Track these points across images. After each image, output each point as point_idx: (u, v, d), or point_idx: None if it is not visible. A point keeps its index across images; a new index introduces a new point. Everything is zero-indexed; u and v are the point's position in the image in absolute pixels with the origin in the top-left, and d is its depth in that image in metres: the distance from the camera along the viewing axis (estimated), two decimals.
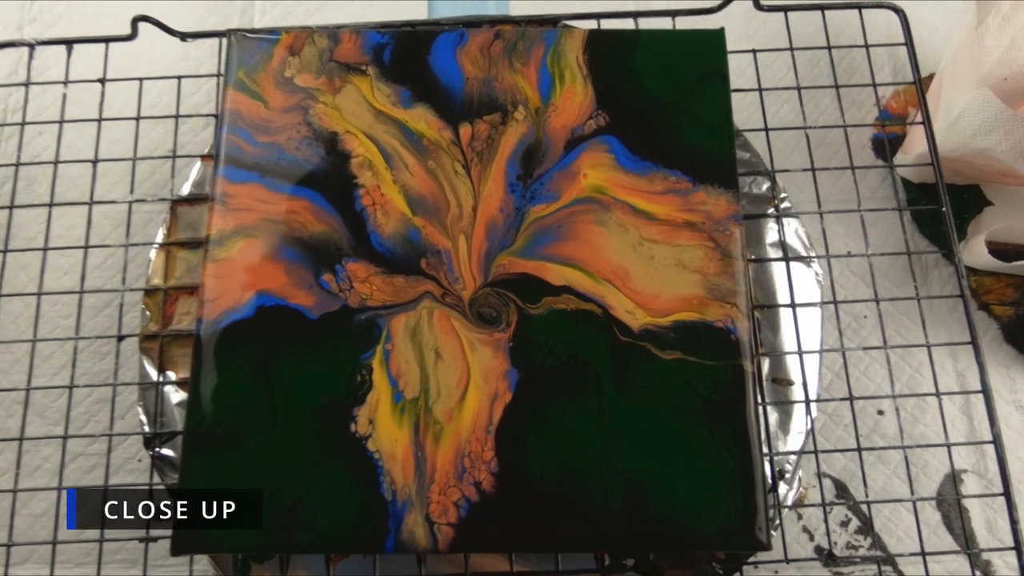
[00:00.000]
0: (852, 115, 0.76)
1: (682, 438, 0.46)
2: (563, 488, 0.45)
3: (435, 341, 0.48)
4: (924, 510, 0.67)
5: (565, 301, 0.48)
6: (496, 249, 0.49)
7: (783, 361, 0.54)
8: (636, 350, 0.48)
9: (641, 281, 0.49)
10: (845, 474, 0.67)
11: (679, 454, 0.46)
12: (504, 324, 0.48)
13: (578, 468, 0.46)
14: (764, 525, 0.45)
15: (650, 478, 0.46)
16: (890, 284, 0.73)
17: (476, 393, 0.47)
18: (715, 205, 0.50)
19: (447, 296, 0.49)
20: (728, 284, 0.49)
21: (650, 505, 0.45)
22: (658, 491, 0.45)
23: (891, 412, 0.71)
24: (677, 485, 0.46)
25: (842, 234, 0.66)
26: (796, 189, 0.62)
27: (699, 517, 0.45)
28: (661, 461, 0.46)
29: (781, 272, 0.55)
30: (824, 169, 0.58)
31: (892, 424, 0.71)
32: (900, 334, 0.72)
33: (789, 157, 0.68)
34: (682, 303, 0.48)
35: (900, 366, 0.69)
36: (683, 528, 0.45)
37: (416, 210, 0.50)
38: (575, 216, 0.50)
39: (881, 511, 0.66)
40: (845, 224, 0.65)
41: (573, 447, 0.46)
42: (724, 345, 0.48)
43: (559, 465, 0.46)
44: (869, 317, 0.71)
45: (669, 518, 0.45)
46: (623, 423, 0.46)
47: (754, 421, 0.47)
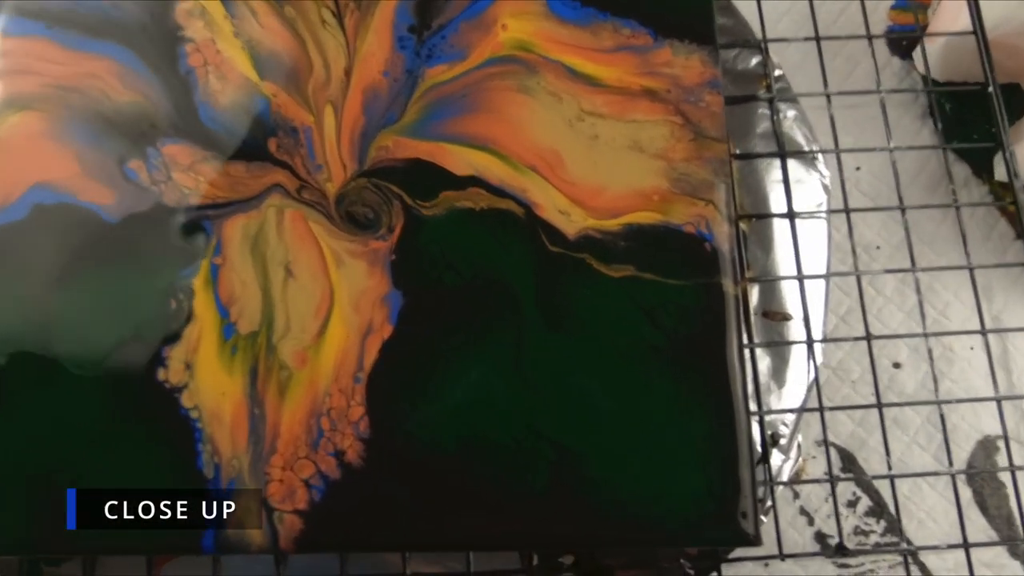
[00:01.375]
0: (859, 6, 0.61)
1: (635, 389, 0.32)
2: (463, 461, 0.31)
3: (285, 253, 0.33)
4: (951, 487, 0.53)
5: (472, 197, 0.34)
6: (377, 126, 0.35)
7: (777, 289, 0.40)
8: (571, 265, 0.33)
9: (580, 169, 0.35)
10: (853, 443, 0.53)
11: (631, 412, 0.32)
12: (384, 229, 0.34)
13: (485, 433, 0.32)
14: (751, 510, 0.31)
15: (589, 447, 0.32)
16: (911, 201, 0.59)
17: (341, 326, 0.33)
18: (685, 67, 0.36)
19: (305, 190, 0.34)
20: (702, 174, 0.35)
21: (589, 485, 0.31)
22: (600, 465, 0.32)
23: (911, 365, 0.57)
24: (628, 456, 0.32)
25: (855, 134, 0.52)
26: (794, 69, 0.47)
27: (659, 501, 0.31)
28: (605, 423, 0.32)
29: (775, 173, 0.41)
30: (832, 38, 0.44)
31: (912, 379, 0.57)
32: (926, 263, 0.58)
33: (783, 24, 0.53)
34: (637, 200, 0.34)
35: (922, 307, 0.56)
36: (635, 516, 0.31)
37: (265, 73, 0.35)
38: (489, 81, 0.36)
39: (899, 488, 0.52)
40: (858, 122, 0.51)
41: (479, 403, 0.32)
42: (696, 258, 0.34)
43: (458, 429, 0.32)
44: (883, 248, 0.57)
45: (615, 503, 0.31)
46: (551, 369, 0.32)
47: (737, 365, 0.33)
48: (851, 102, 0.49)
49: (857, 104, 0.53)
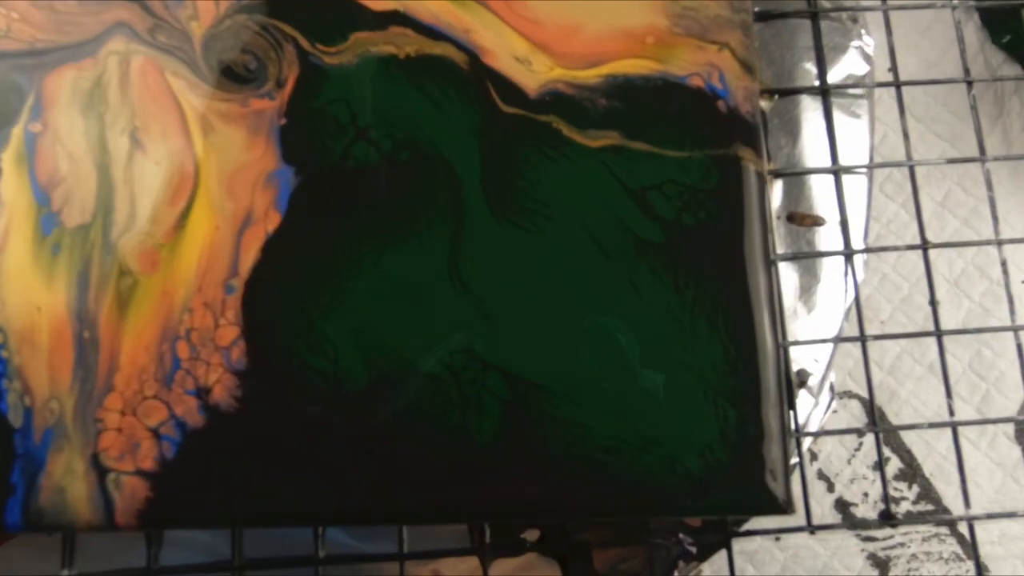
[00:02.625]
0: None
1: (619, 301, 0.23)
2: (377, 400, 0.22)
3: (131, 116, 0.24)
4: (996, 445, 0.45)
5: (394, 40, 0.25)
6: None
7: (806, 186, 0.31)
8: (532, 131, 0.24)
9: (546, 2, 0.25)
10: (881, 393, 0.45)
11: (613, 332, 0.23)
12: (271, 84, 0.24)
13: (408, 361, 0.23)
14: (780, 467, 0.23)
15: (555, 380, 0.23)
16: (949, 114, 0.50)
17: (208, 215, 0.23)
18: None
19: (160, 31, 0.24)
20: (713, 8, 0.25)
21: (555, 432, 0.22)
22: (570, 405, 0.22)
23: (951, 302, 0.49)
24: (608, 393, 0.23)
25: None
26: None
27: (651, 452, 0.22)
28: (577, 347, 0.23)
29: (805, 37, 0.32)
30: None
31: (952, 317, 0.48)
32: (965, 189, 0.49)
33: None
34: (625, 42, 0.25)
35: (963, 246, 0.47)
36: (619, 474, 0.22)
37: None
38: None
39: (934, 447, 0.44)
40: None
41: (399, 320, 0.23)
42: (704, 120, 0.24)
43: (370, 355, 0.23)
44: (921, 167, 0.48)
45: (591, 456, 0.22)
46: (501, 274, 0.23)
47: (762, 269, 0.24)
48: None
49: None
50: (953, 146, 0.50)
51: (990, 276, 0.48)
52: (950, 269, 0.48)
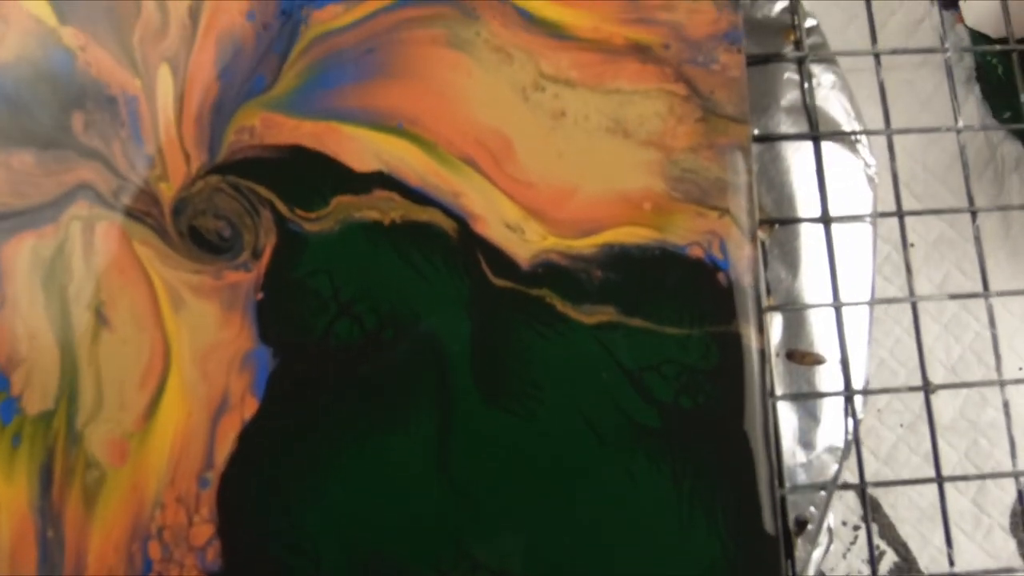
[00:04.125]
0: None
1: (614, 492, 0.22)
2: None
3: (95, 289, 0.22)
4: (992, 538, 0.45)
5: (379, 205, 0.23)
6: (237, 96, 0.23)
7: (806, 321, 0.30)
8: (524, 306, 0.23)
9: (538, 163, 0.24)
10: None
11: (608, 527, 0.22)
12: (247, 253, 0.23)
13: (394, 560, 0.21)
14: None
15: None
16: (947, 193, 0.49)
17: (181, 400, 0.22)
18: (691, 11, 0.25)
19: (126, 193, 0.23)
20: (714, 170, 0.24)
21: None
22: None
23: (948, 390, 0.48)
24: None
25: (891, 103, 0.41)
26: (828, 17, 0.36)
27: None
28: (571, 543, 0.22)
29: (806, 160, 0.31)
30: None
31: (949, 406, 0.48)
32: (964, 272, 0.48)
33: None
34: (621, 208, 0.24)
35: (961, 327, 0.46)
36: None
37: (68, 13, 0.24)
38: (405, 30, 0.24)
39: (929, 540, 0.44)
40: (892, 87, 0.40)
41: (385, 516, 0.22)
42: (704, 295, 0.23)
43: (354, 554, 0.21)
44: (918, 247, 0.47)
45: None
46: (492, 463, 0.22)
47: (764, 455, 0.23)
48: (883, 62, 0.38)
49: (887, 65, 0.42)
50: (951, 226, 0.49)
51: (987, 363, 0.48)
52: (947, 355, 0.48)
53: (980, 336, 0.47)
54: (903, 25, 0.50)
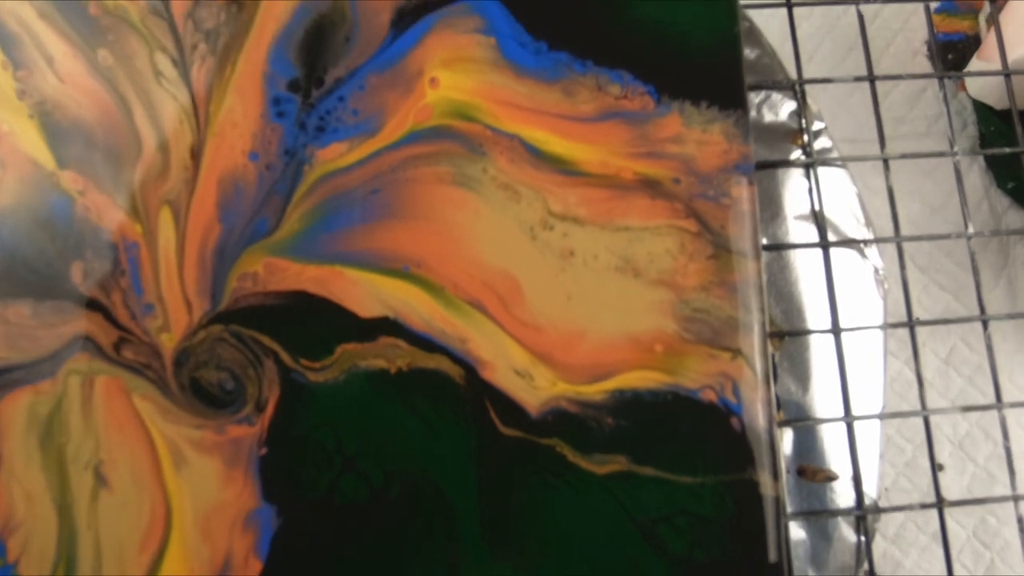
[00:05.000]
0: (899, 7, 0.50)
1: None
2: None
3: (95, 447, 0.22)
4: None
5: (385, 352, 0.23)
6: (240, 240, 0.23)
7: (817, 436, 0.29)
8: (533, 456, 0.22)
9: (547, 305, 0.23)
10: (886, 565, 0.44)
11: None
12: (250, 407, 0.22)
13: None
14: None
15: None
16: (953, 265, 0.49)
17: (181, 562, 0.21)
18: (701, 144, 0.24)
19: (126, 346, 0.22)
20: (726, 309, 0.23)
21: None
22: None
23: (955, 467, 0.48)
24: None
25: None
26: (834, 115, 0.36)
27: None
28: None
29: (814, 267, 0.30)
30: (890, 78, 0.32)
31: (956, 483, 0.48)
32: (970, 345, 0.48)
33: (818, 57, 0.42)
34: (631, 352, 0.23)
35: (969, 402, 0.46)
36: None
37: (67, 157, 0.23)
38: (411, 169, 0.24)
39: None
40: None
41: None
42: (718, 440, 0.23)
43: None
44: (926, 343, 0.47)
45: None
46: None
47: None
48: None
49: (891, 135, 0.42)
50: (956, 298, 0.49)
51: (995, 439, 0.48)
52: (955, 431, 0.47)
53: (987, 412, 0.46)
54: (905, 96, 0.50)
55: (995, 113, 0.47)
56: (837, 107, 0.48)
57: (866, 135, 0.51)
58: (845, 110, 0.48)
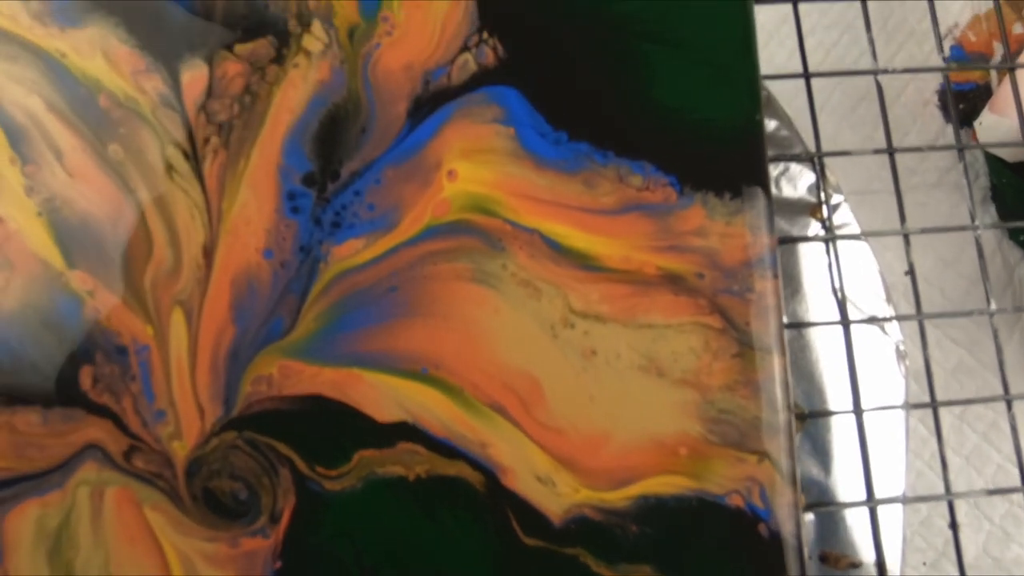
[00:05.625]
0: (909, 54, 0.50)
1: None
2: None
3: (104, 561, 0.21)
4: None
5: (403, 459, 0.22)
6: (254, 341, 0.22)
7: (840, 521, 0.29)
8: (556, 567, 0.22)
9: (569, 407, 0.23)
10: None
11: None
12: (265, 517, 0.22)
13: None
14: None
15: None
16: (965, 319, 0.49)
17: None
18: (725, 236, 0.24)
19: (137, 455, 0.22)
20: (751, 409, 0.23)
21: None
22: None
23: (971, 524, 0.47)
24: None
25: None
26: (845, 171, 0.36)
27: None
28: None
29: (835, 344, 0.30)
30: (910, 150, 0.32)
31: (972, 543, 0.47)
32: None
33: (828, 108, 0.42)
34: (656, 455, 0.22)
35: (983, 460, 0.45)
36: None
37: (76, 256, 0.23)
38: (428, 265, 0.23)
39: None
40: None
41: None
42: (745, 548, 0.22)
43: None
44: (936, 374, 0.47)
45: None
46: None
47: None
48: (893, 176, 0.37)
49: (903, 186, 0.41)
50: (971, 353, 0.48)
51: (1010, 498, 0.47)
52: (971, 488, 0.47)
53: (1002, 469, 0.46)
54: (917, 141, 0.49)
55: (1007, 165, 0.47)
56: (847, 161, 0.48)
57: (876, 185, 0.51)
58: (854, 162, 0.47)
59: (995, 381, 0.47)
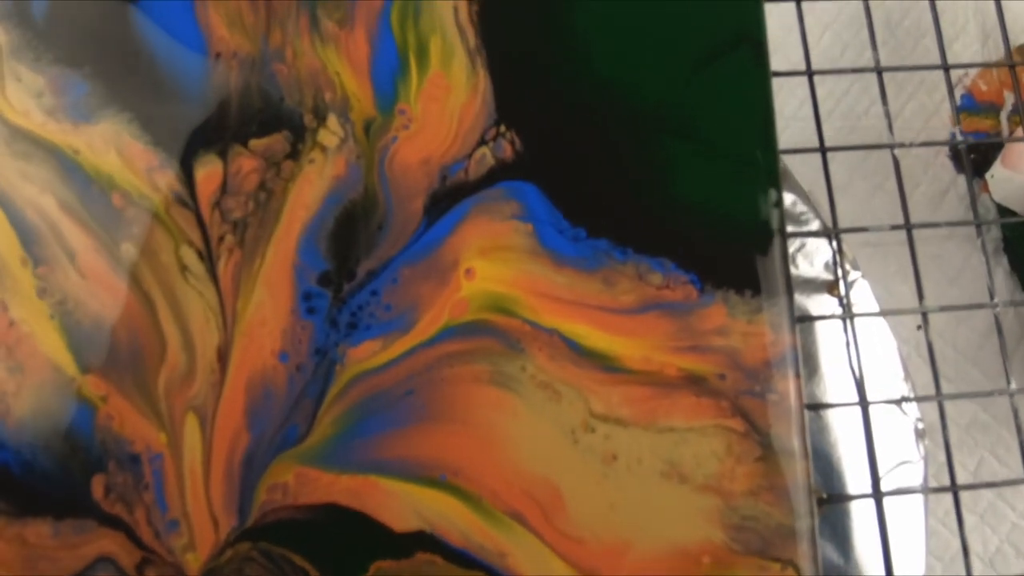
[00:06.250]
0: (920, 103, 0.50)
1: None
2: None
3: None
4: None
5: (421, 569, 0.22)
6: (269, 448, 0.22)
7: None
8: None
9: (590, 515, 0.22)
10: None
11: None
12: None
13: None
14: None
15: None
16: (980, 375, 0.48)
17: None
18: (746, 335, 0.23)
19: (149, 567, 0.21)
20: (775, 515, 0.23)
21: None
22: None
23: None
24: None
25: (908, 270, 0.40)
26: (867, 258, 0.36)
27: None
28: None
29: (853, 426, 0.29)
30: (928, 225, 0.32)
31: None
32: (999, 458, 0.47)
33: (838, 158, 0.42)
34: (678, 565, 0.22)
35: (998, 518, 0.45)
36: None
37: (89, 360, 0.22)
38: (446, 367, 0.23)
39: None
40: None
41: None
42: None
43: None
44: (951, 431, 0.46)
45: None
46: None
47: None
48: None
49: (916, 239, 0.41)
50: (985, 409, 0.48)
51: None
52: (985, 547, 0.46)
53: (1017, 527, 0.45)
54: (928, 197, 0.49)
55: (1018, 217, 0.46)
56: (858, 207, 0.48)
57: (889, 238, 0.50)
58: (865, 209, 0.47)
59: (1009, 436, 0.47)
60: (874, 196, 0.47)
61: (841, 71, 0.30)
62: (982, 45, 0.48)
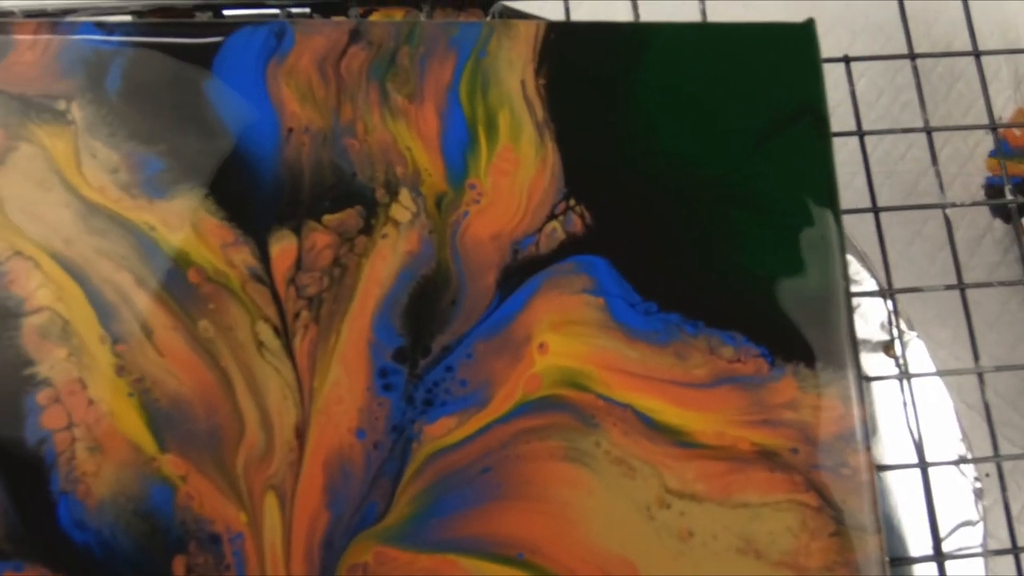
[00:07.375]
0: (955, 148, 0.50)
1: None
2: None
3: None
4: None
5: None
6: (348, 527, 0.22)
7: None
8: None
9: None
10: None
11: None
12: None
13: None
14: None
15: None
16: (1020, 419, 0.48)
17: None
18: (817, 409, 0.24)
19: None
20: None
21: None
22: None
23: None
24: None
25: (953, 324, 0.40)
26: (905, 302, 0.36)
27: None
28: None
29: (913, 488, 0.29)
30: (982, 285, 0.32)
31: None
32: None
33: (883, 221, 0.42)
34: None
35: None
36: None
37: (168, 439, 0.22)
38: (521, 444, 0.23)
39: None
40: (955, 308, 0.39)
41: None
42: None
43: None
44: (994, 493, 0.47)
45: None
46: None
47: None
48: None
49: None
50: None
51: None
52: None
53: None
54: (965, 242, 0.49)
55: None
56: (897, 255, 0.48)
57: (927, 291, 0.50)
58: (905, 258, 0.47)
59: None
60: (912, 243, 0.47)
61: (892, 131, 0.31)
62: (1015, 91, 0.48)
